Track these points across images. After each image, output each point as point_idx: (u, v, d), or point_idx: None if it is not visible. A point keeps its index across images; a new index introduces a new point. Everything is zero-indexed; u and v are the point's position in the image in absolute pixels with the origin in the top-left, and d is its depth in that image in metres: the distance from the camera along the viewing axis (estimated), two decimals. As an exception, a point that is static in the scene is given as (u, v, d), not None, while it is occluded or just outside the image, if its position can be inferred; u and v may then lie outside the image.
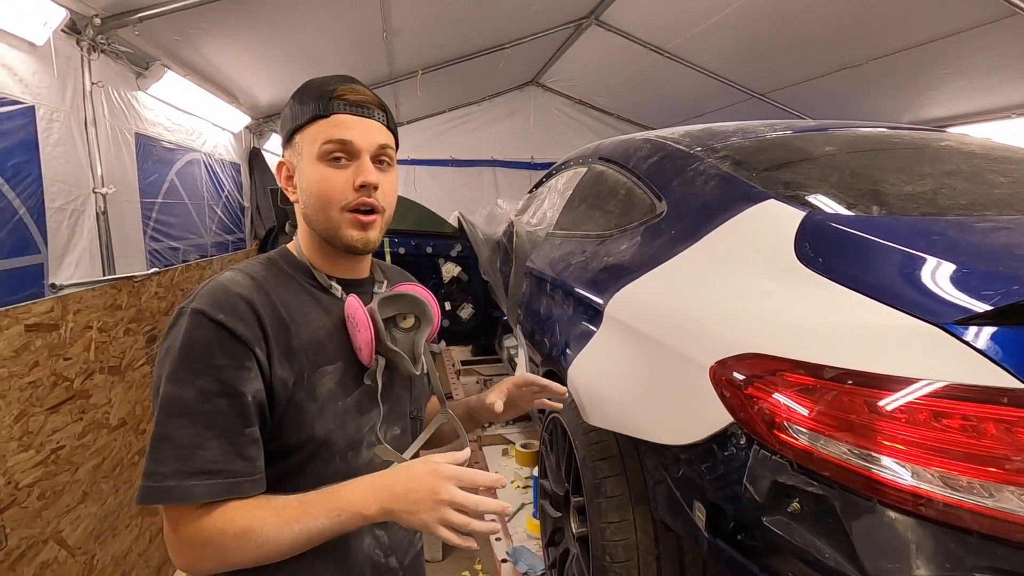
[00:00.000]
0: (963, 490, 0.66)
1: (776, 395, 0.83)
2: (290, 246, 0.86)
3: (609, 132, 6.78)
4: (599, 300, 1.44)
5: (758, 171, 1.32)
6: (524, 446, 2.68)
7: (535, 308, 2.06)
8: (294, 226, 0.90)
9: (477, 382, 3.79)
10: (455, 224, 3.53)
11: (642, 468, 1.25)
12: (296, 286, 0.80)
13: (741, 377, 0.89)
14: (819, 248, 0.99)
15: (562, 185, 2.61)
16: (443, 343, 4.12)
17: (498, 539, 2.09)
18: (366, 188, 0.78)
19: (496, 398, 0.98)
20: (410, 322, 0.87)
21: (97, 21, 2.52)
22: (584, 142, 2.56)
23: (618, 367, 1.26)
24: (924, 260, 0.86)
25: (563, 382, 1.55)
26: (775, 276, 1.02)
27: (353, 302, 0.79)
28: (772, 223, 1.11)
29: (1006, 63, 3.86)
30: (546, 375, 1.84)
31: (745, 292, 1.05)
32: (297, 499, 0.69)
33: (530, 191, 3.42)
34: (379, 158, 0.80)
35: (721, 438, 0.93)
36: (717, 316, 1.04)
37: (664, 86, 6.04)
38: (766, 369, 0.86)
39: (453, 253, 3.45)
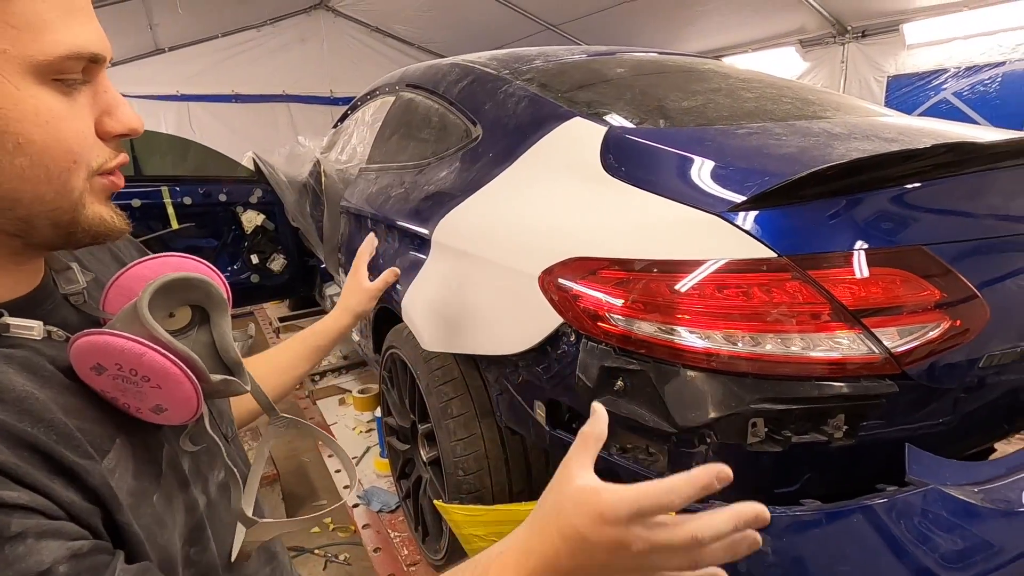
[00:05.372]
0: (739, 343, 0.82)
1: (597, 291, 0.92)
2: None
3: (411, 63, 6.52)
4: (425, 229, 1.42)
5: (562, 92, 1.40)
6: (362, 391, 2.62)
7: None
8: None
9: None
10: (251, 167, 3.14)
11: (484, 384, 1.31)
12: None
13: (566, 280, 0.96)
14: (621, 158, 1.10)
15: (370, 117, 2.46)
16: (251, 326, 3.65)
17: (346, 487, 2.06)
18: (126, 137, 0.47)
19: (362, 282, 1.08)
20: (184, 320, 0.54)
21: None
22: (386, 74, 2.43)
23: (451, 291, 1.27)
24: (702, 162, 1.00)
25: (398, 318, 1.53)
26: (587, 186, 1.11)
27: (114, 344, 0.44)
28: (580, 139, 1.19)
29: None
30: (378, 313, 1.80)
31: (562, 204, 1.12)
32: None
33: (334, 126, 3.17)
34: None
35: (554, 339, 1.01)
36: (539, 229, 1.11)
37: (462, 15, 5.96)
38: (587, 269, 0.94)
39: (253, 200, 3.07)
